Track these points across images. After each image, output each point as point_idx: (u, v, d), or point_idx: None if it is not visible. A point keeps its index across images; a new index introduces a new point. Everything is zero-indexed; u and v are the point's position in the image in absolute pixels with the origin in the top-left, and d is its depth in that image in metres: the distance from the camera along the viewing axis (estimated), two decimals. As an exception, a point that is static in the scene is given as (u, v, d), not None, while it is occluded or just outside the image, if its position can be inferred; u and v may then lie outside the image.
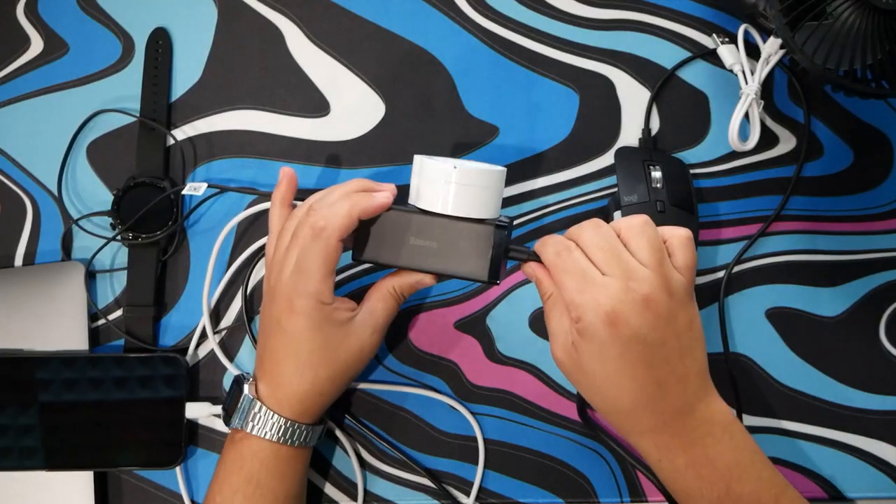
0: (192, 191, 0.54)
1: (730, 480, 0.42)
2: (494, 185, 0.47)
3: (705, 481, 0.42)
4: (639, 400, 0.43)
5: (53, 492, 0.53)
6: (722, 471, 0.42)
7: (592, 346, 0.42)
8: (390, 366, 0.55)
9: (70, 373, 0.52)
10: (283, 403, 0.47)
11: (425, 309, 0.56)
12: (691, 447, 0.43)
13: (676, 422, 0.43)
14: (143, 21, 0.60)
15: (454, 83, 0.59)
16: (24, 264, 0.57)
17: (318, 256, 0.45)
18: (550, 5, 0.60)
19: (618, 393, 0.43)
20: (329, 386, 0.48)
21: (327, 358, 0.47)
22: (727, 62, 0.58)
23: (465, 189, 0.46)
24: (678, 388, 0.43)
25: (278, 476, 0.47)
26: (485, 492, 0.54)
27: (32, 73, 0.59)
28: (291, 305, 0.46)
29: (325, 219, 0.45)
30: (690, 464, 0.43)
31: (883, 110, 0.59)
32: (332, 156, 0.58)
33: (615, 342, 0.41)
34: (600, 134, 0.58)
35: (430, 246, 0.47)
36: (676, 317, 0.42)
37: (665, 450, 0.43)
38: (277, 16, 0.60)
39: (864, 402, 0.55)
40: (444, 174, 0.46)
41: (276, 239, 0.49)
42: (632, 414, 0.43)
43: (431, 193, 0.47)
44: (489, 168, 0.47)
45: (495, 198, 0.47)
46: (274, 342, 0.47)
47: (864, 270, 0.56)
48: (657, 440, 0.43)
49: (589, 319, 0.42)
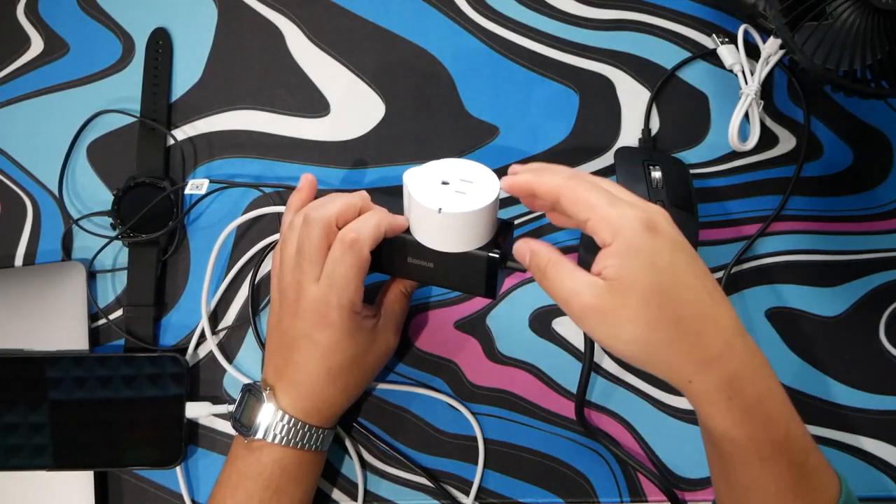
0: (195, 189, 0.55)
1: (789, 420, 0.39)
2: (484, 220, 0.44)
3: (771, 420, 0.39)
4: (700, 315, 0.38)
5: (53, 492, 0.53)
6: (782, 408, 0.39)
7: (641, 262, 0.37)
8: (390, 366, 0.55)
9: (72, 372, 0.52)
10: (311, 412, 0.47)
11: (426, 309, 0.56)
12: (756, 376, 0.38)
13: (740, 343, 0.38)
14: (144, 21, 0.60)
15: (454, 83, 0.59)
16: (24, 264, 0.57)
17: (352, 268, 0.45)
18: (550, 5, 0.60)
19: (679, 310, 0.38)
20: (357, 390, 0.50)
21: (358, 364, 0.48)
22: (727, 62, 0.58)
23: (453, 230, 0.44)
24: (725, 304, 0.39)
25: (297, 481, 0.48)
26: (485, 492, 0.54)
27: (33, 73, 0.59)
28: (325, 318, 0.46)
29: (357, 231, 0.45)
30: (759, 398, 0.38)
31: (883, 110, 0.59)
32: (332, 156, 0.58)
33: (664, 251, 0.38)
34: (600, 134, 0.58)
35: (427, 266, 0.47)
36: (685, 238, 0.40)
37: (736, 380, 0.38)
38: (277, 16, 0.60)
39: (864, 402, 0.54)
40: (429, 215, 0.43)
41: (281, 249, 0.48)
42: (696, 336, 0.38)
43: (420, 228, 0.45)
44: (476, 208, 0.43)
45: (487, 226, 0.45)
46: (302, 355, 0.47)
47: (864, 270, 0.56)
48: (726, 369, 0.38)
49: (632, 227, 0.38)
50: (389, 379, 0.55)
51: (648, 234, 0.38)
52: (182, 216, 0.56)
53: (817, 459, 0.41)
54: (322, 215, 0.46)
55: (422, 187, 0.44)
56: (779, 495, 0.40)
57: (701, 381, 0.38)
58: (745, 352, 0.39)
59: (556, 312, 0.56)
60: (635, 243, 0.37)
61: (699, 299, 0.38)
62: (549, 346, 0.55)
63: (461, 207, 0.42)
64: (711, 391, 0.38)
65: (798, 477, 0.39)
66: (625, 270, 0.38)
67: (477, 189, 0.44)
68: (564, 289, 0.40)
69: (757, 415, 0.38)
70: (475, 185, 0.44)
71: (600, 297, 0.38)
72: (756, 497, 0.41)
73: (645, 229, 0.38)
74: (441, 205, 0.42)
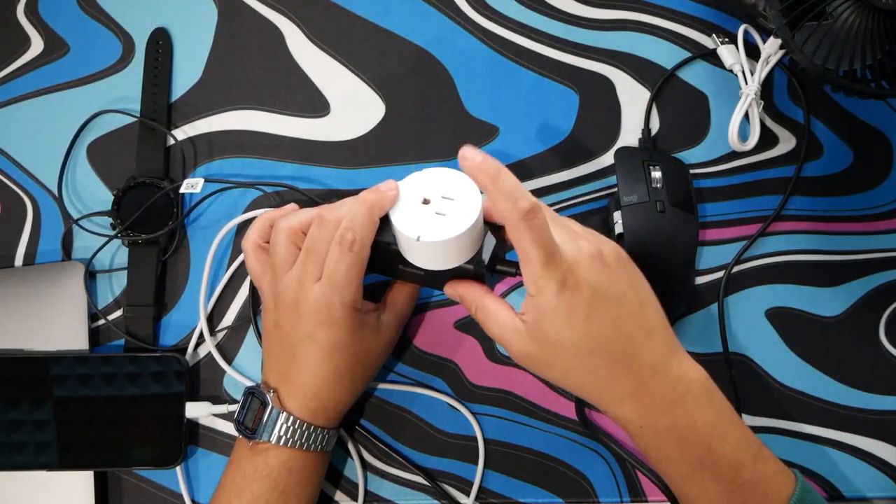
0: (190, 188, 0.55)
1: (711, 441, 0.42)
2: (464, 241, 0.43)
3: (687, 443, 0.42)
4: (613, 361, 0.42)
5: (54, 492, 0.53)
6: (703, 431, 0.42)
7: (556, 318, 0.41)
8: (391, 366, 0.55)
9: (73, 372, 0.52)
10: (317, 413, 0.47)
11: (426, 309, 0.56)
12: (672, 408, 0.42)
13: (654, 381, 0.42)
14: (144, 21, 0.60)
15: (454, 83, 0.59)
16: (24, 264, 0.57)
17: (353, 267, 0.45)
18: (550, 5, 0.60)
19: (591, 361, 0.42)
20: (361, 387, 0.50)
21: (362, 361, 0.48)
22: (727, 62, 0.58)
23: (435, 254, 0.44)
24: (648, 342, 0.42)
25: (304, 482, 0.48)
26: (485, 491, 0.54)
27: (33, 73, 0.59)
28: (328, 318, 0.46)
29: (352, 231, 0.45)
30: (672, 426, 0.42)
31: (883, 110, 0.59)
32: (332, 156, 0.58)
33: (580, 305, 0.41)
34: (600, 134, 0.58)
35: (417, 272, 0.47)
36: (627, 268, 0.44)
37: (646, 413, 0.42)
38: (277, 16, 0.60)
39: (864, 402, 0.54)
40: (409, 242, 0.43)
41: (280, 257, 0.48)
42: (609, 380, 0.42)
43: (404, 246, 0.45)
44: (454, 235, 0.42)
45: (469, 245, 0.44)
46: (306, 356, 0.47)
47: (864, 270, 0.56)
48: (638, 405, 0.42)
49: (548, 289, 0.41)
50: (390, 379, 0.55)
51: (565, 293, 0.41)
52: (182, 218, 0.56)
53: (756, 472, 0.43)
54: (336, 217, 0.46)
55: (402, 211, 0.43)
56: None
57: (614, 413, 0.44)
58: (661, 388, 0.42)
59: (556, 312, 0.56)
60: (551, 303, 0.41)
61: (614, 346, 0.42)
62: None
63: (439, 235, 0.42)
64: (625, 421, 0.44)
65: (728, 492, 0.42)
66: (540, 324, 0.42)
67: (458, 208, 0.42)
68: (494, 334, 0.45)
69: (670, 441, 0.43)
70: (456, 202, 0.43)
71: (523, 344, 0.43)
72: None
73: (562, 288, 0.41)
74: (419, 232, 0.42)
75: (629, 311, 0.42)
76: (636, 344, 0.42)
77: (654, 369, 0.42)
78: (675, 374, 0.43)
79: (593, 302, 0.41)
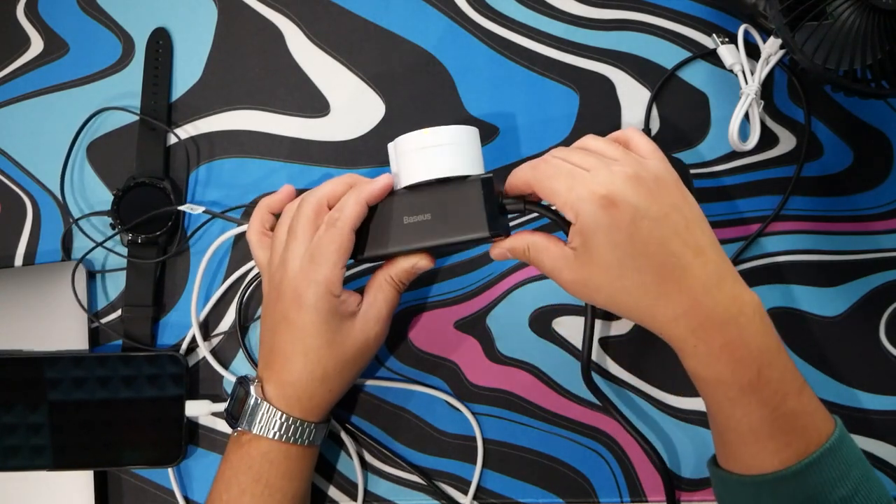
0: (189, 209, 0.55)
1: (761, 365, 0.42)
2: (468, 140, 0.48)
3: (740, 364, 0.42)
4: (663, 279, 0.42)
5: (53, 492, 0.53)
6: (755, 353, 0.42)
7: (599, 239, 0.42)
8: (390, 366, 0.55)
9: (73, 372, 0.52)
10: (291, 402, 0.47)
11: (425, 309, 0.56)
12: (726, 326, 0.42)
13: (707, 299, 0.42)
14: (144, 21, 0.60)
15: (454, 83, 0.59)
16: (24, 264, 0.57)
17: (332, 244, 0.46)
18: (551, 5, 0.60)
19: (640, 279, 0.42)
20: (338, 381, 0.48)
21: (335, 352, 0.47)
22: (727, 62, 0.58)
23: (441, 149, 0.47)
24: (698, 261, 0.42)
25: (288, 476, 0.47)
26: (484, 492, 0.54)
27: (33, 73, 0.59)
28: (300, 297, 0.46)
29: (338, 210, 0.46)
30: (725, 344, 0.42)
31: (883, 110, 0.59)
32: (332, 156, 0.58)
33: (621, 224, 0.42)
34: (600, 134, 0.58)
35: (424, 220, 0.47)
36: (669, 190, 0.43)
37: (701, 330, 0.42)
38: (277, 16, 0.60)
39: (864, 402, 0.54)
40: (417, 142, 0.47)
41: (274, 239, 0.49)
42: (660, 298, 0.42)
43: (411, 165, 0.47)
44: (459, 126, 0.48)
45: (473, 153, 0.48)
46: (281, 338, 0.47)
47: (864, 270, 0.56)
48: (692, 322, 0.42)
49: (588, 210, 0.42)
50: (388, 378, 0.55)
51: (604, 212, 0.42)
52: (185, 240, 0.57)
53: (800, 404, 0.42)
54: (315, 197, 0.48)
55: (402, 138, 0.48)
56: (753, 434, 0.42)
57: (668, 332, 0.43)
58: (715, 306, 0.42)
59: (556, 312, 0.56)
60: (592, 222, 0.42)
61: (662, 264, 0.42)
62: (549, 346, 0.55)
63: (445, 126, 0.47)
64: (678, 340, 0.43)
65: (772, 418, 0.42)
66: (587, 247, 0.43)
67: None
68: (545, 267, 0.45)
69: (723, 360, 0.42)
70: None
71: (573, 270, 0.44)
72: (732, 437, 0.43)
73: (600, 208, 0.42)
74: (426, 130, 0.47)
75: (674, 229, 0.42)
76: (685, 262, 0.42)
77: (707, 287, 0.42)
78: (729, 293, 0.42)
79: (635, 220, 0.42)
